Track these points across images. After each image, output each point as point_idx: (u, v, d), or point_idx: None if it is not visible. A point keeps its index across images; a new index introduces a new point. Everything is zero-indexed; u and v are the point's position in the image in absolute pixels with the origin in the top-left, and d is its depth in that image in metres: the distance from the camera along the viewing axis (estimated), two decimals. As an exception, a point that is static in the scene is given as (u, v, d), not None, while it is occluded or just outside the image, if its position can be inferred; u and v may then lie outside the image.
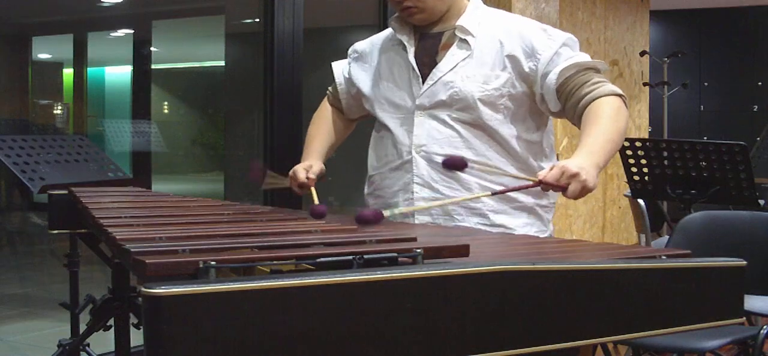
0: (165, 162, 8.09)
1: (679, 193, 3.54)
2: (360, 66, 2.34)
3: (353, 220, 1.76)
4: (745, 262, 1.36)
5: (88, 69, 7.38)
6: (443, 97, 2.11)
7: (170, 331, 0.94)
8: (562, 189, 1.86)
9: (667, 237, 4.04)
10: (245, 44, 5.76)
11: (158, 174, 7.49)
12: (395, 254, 1.17)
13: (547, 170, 1.89)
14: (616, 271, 1.24)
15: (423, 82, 2.14)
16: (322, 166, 2.31)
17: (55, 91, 7.26)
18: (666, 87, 6.92)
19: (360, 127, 2.52)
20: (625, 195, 4.50)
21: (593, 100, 2.02)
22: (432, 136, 2.11)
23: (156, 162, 6.94)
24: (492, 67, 2.10)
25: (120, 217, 1.59)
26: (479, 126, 2.10)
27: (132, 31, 7.13)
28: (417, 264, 1.18)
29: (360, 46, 2.38)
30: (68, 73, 7.38)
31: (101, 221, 1.51)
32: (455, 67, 2.11)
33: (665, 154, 3.51)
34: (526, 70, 2.08)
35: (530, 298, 1.15)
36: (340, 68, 2.44)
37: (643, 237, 4.38)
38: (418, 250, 1.19)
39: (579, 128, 2.04)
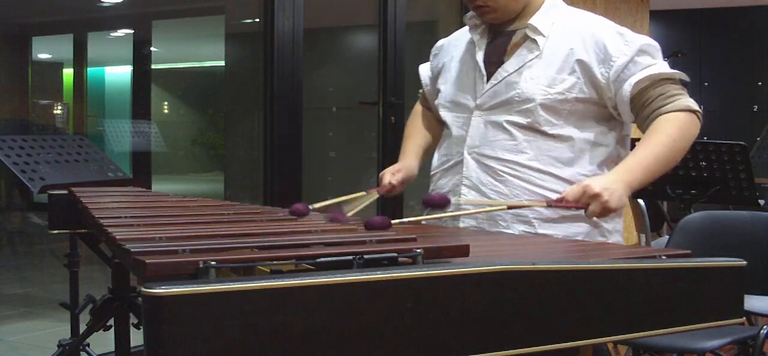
0: (165, 162, 8.08)
1: (679, 193, 3.54)
2: (439, 63, 2.30)
3: (421, 203, 1.77)
4: (745, 262, 1.36)
5: (88, 69, 7.39)
6: (505, 97, 2.04)
7: (170, 331, 0.94)
8: (583, 208, 1.84)
9: (667, 237, 4.03)
10: (245, 44, 5.76)
11: (158, 174, 7.49)
12: (395, 254, 1.17)
13: (571, 187, 1.86)
14: (616, 271, 1.24)
15: (488, 82, 2.08)
16: (413, 168, 2.27)
17: (55, 91, 7.27)
18: (666, 87, 6.90)
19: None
20: (625, 195, 4.49)
21: (662, 114, 1.95)
22: (486, 138, 2.05)
23: (156, 162, 6.94)
24: (559, 70, 2.01)
25: (120, 217, 1.59)
26: (535, 129, 2.02)
27: (132, 31, 7.14)
28: (417, 264, 1.18)
29: (440, 42, 2.34)
30: (68, 73, 7.39)
31: (101, 221, 1.51)
32: (521, 67, 2.04)
33: (665, 153, 3.50)
34: (598, 75, 2.00)
35: (530, 298, 1.15)
36: (425, 70, 2.40)
37: (643, 237, 4.38)
38: (418, 250, 1.19)
39: None
